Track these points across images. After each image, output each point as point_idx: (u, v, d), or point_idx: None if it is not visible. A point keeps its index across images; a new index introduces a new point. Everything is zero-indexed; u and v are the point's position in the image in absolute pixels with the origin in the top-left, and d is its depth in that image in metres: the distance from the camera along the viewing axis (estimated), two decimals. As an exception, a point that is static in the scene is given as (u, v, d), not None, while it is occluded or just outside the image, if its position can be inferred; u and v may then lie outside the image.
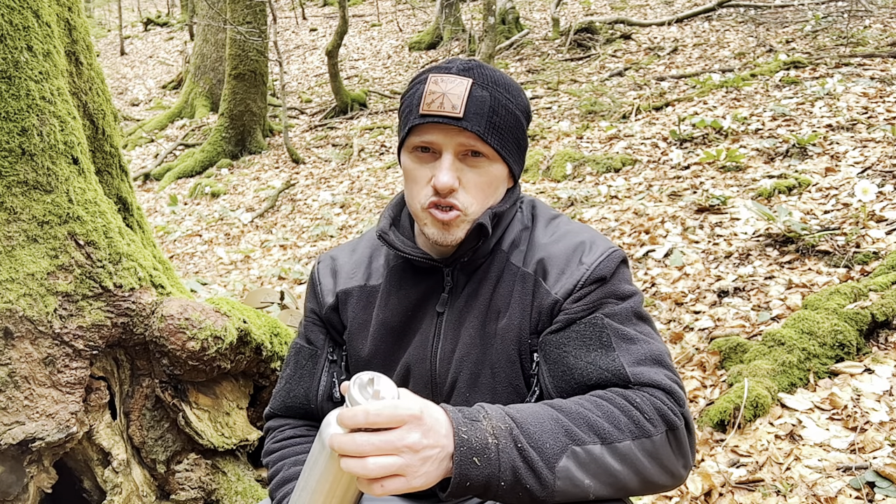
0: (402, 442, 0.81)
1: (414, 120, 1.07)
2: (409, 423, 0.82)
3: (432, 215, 1.07)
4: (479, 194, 1.08)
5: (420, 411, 0.84)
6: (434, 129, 1.05)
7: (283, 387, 1.26)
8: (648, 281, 3.35)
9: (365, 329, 1.20)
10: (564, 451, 0.90)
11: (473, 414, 0.90)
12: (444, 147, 1.06)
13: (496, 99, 1.06)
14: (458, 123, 1.03)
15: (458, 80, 1.05)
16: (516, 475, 0.88)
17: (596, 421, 0.94)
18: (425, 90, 1.06)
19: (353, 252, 1.28)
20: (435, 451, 0.84)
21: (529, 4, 14.56)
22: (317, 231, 6.05)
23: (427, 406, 0.86)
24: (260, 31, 9.43)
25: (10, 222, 1.44)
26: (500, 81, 1.09)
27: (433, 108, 1.04)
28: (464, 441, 0.86)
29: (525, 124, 1.13)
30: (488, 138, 1.04)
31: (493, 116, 1.05)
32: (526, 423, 0.91)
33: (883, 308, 2.35)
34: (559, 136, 6.41)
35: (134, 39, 20.58)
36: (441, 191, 1.05)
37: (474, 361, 1.11)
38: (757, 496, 1.83)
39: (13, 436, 1.39)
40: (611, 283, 1.07)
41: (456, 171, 1.06)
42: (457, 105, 1.03)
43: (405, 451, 0.82)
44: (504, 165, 1.10)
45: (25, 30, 1.46)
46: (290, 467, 1.15)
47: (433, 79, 1.06)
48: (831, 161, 4.18)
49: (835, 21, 8.42)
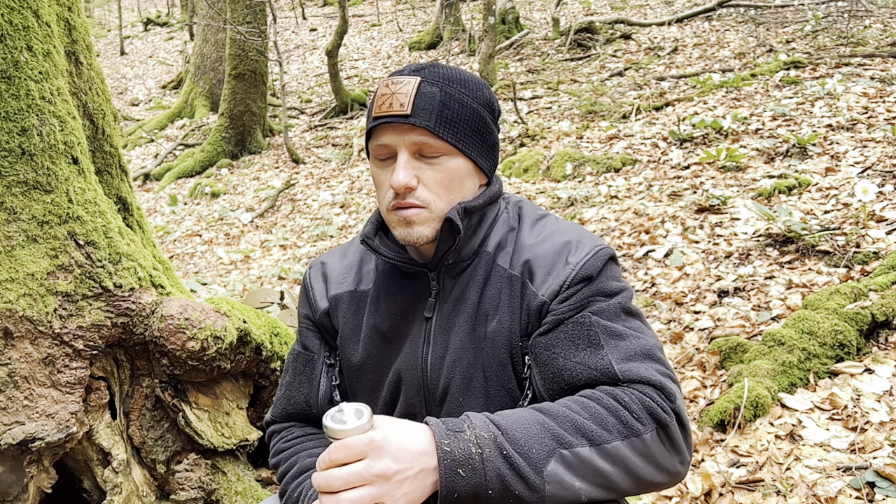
0: (370, 472, 0.84)
1: (370, 124, 1.08)
2: (371, 453, 0.85)
3: (396, 216, 1.07)
4: (440, 191, 1.07)
5: (381, 437, 0.85)
6: (387, 130, 1.06)
7: (284, 394, 1.26)
8: (648, 281, 3.35)
9: (356, 334, 1.20)
10: (552, 455, 0.90)
11: (457, 425, 0.90)
12: (398, 146, 1.06)
13: (447, 94, 1.05)
14: (406, 120, 1.03)
15: (407, 80, 1.05)
16: (503, 482, 0.87)
17: (583, 423, 0.93)
18: (378, 93, 1.07)
19: (344, 256, 1.27)
20: (412, 472, 0.85)
21: (529, 4, 14.56)
22: (317, 231, 6.05)
23: (392, 430, 0.88)
24: (260, 31, 9.43)
25: (10, 222, 1.44)
26: (454, 78, 1.08)
27: (383, 109, 1.05)
28: (447, 454, 0.87)
29: (489, 118, 1.12)
30: (439, 132, 1.04)
31: (444, 110, 1.04)
32: (511, 430, 0.91)
33: (883, 308, 2.35)
34: (559, 136, 6.41)
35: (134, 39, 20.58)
36: (397, 190, 1.05)
37: (466, 366, 1.10)
38: (757, 496, 1.83)
39: (13, 436, 1.39)
40: (598, 282, 1.06)
41: (413, 170, 1.05)
42: (404, 103, 1.03)
43: (376, 480, 0.84)
44: (465, 159, 1.09)
45: (25, 30, 1.46)
46: (306, 459, 1.14)
47: (385, 82, 1.07)
48: (831, 161, 4.18)
49: (835, 21, 8.42)
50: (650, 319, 2.99)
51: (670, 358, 2.66)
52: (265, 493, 1.83)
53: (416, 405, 1.14)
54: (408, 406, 1.14)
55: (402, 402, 1.15)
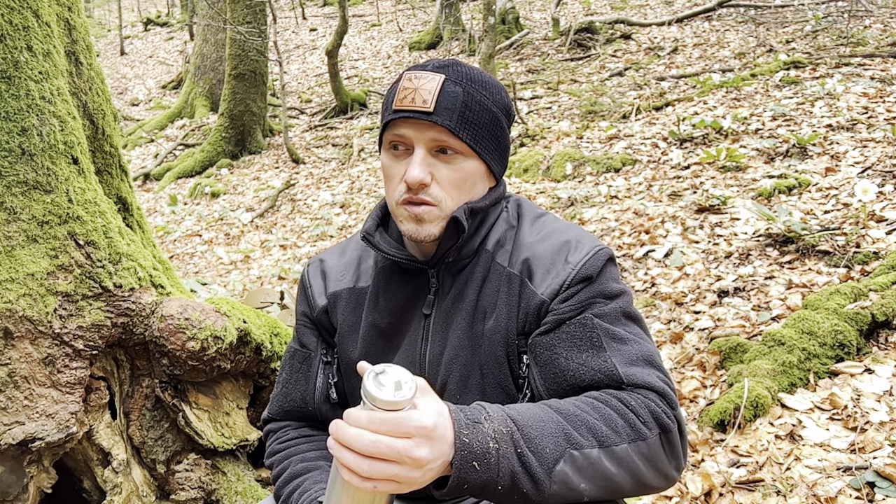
0: (409, 454, 0.80)
1: (388, 116, 1.08)
2: (418, 438, 0.80)
3: (406, 211, 1.07)
4: (453, 190, 1.07)
5: (433, 424, 0.81)
6: (406, 124, 1.06)
7: (280, 391, 1.26)
8: (648, 281, 3.35)
9: (355, 332, 1.20)
10: (563, 456, 0.90)
11: (475, 415, 0.89)
12: (416, 142, 1.05)
13: (470, 95, 1.05)
14: (428, 118, 1.03)
15: (431, 76, 1.05)
16: (514, 480, 0.87)
17: (594, 424, 0.93)
18: (399, 87, 1.07)
19: (343, 254, 1.27)
20: (437, 463, 0.83)
21: (529, 4, 14.56)
22: (317, 231, 6.05)
23: (441, 415, 0.84)
24: (260, 31, 9.43)
25: (10, 222, 1.44)
26: (477, 78, 1.08)
27: (405, 103, 1.04)
28: (465, 445, 0.85)
29: (505, 122, 1.12)
30: (460, 133, 1.04)
31: (466, 112, 1.04)
32: (527, 427, 0.90)
33: (883, 308, 2.35)
34: (559, 136, 6.40)
35: (134, 39, 20.57)
36: (411, 185, 1.04)
37: (464, 363, 1.10)
38: (757, 496, 1.83)
39: (13, 436, 1.39)
40: (598, 283, 1.06)
41: (428, 167, 1.05)
42: (427, 100, 1.03)
43: (409, 462, 0.80)
44: (479, 162, 1.09)
45: (25, 30, 1.46)
46: (298, 464, 1.14)
47: (407, 76, 1.07)
48: (831, 161, 4.18)
49: (835, 21, 8.41)
50: (650, 319, 2.99)
51: (670, 358, 2.66)
52: (265, 493, 1.83)
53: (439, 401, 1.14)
54: None
55: None
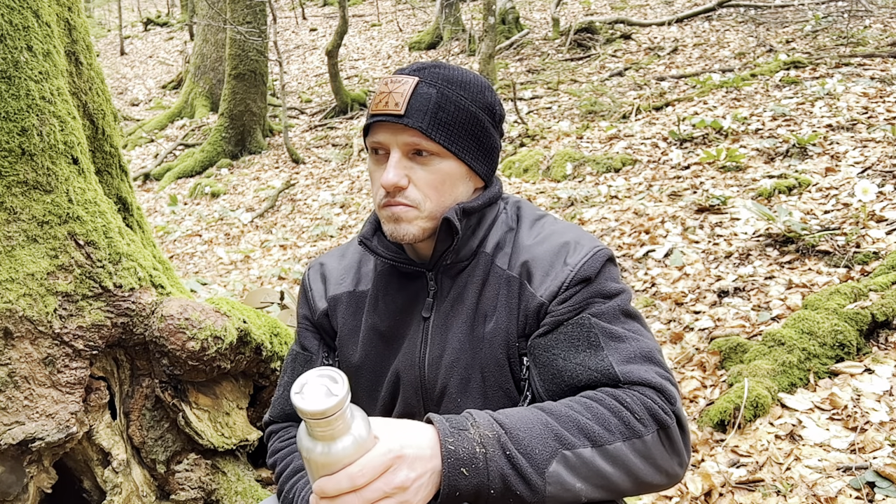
0: (390, 486, 0.81)
1: (367, 121, 1.09)
2: (393, 466, 0.82)
3: (385, 212, 1.08)
4: (431, 192, 1.07)
5: (399, 445, 0.83)
6: (381, 129, 1.07)
7: (282, 394, 1.26)
8: (648, 281, 3.35)
9: (355, 335, 1.20)
10: (554, 456, 0.90)
11: (461, 423, 0.90)
12: (391, 145, 1.06)
13: (444, 95, 1.05)
14: (399, 121, 1.03)
15: (405, 80, 1.06)
16: (506, 482, 0.87)
17: (585, 423, 0.93)
18: (377, 91, 1.08)
19: (343, 257, 1.28)
20: (425, 478, 0.84)
21: (529, 4, 14.56)
22: (317, 231, 6.05)
23: (406, 434, 0.85)
24: (260, 31, 9.43)
25: (10, 222, 1.44)
26: (455, 79, 1.08)
27: (379, 107, 1.05)
28: (451, 453, 0.86)
29: (489, 121, 1.11)
30: (432, 134, 1.04)
31: (439, 112, 1.04)
32: (515, 429, 0.91)
33: (883, 308, 2.35)
34: (559, 136, 6.40)
35: (134, 39, 20.57)
36: (387, 189, 1.06)
37: (464, 366, 1.10)
38: (757, 496, 1.83)
39: (13, 436, 1.39)
40: (596, 283, 1.06)
41: (404, 170, 1.06)
42: (399, 103, 1.04)
43: (396, 492, 0.82)
44: (458, 162, 1.08)
45: (25, 30, 1.46)
46: (300, 459, 1.15)
47: (385, 80, 1.08)
48: (831, 161, 4.18)
49: (835, 21, 8.41)
50: (650, 319, 2.99)
51: (670, 358, 2.66)
52: (265, 493, 1.83)
53: (414, 405, 1.14)
54: (406, 406, 1.15)
55: (400, 402, 1.15)
